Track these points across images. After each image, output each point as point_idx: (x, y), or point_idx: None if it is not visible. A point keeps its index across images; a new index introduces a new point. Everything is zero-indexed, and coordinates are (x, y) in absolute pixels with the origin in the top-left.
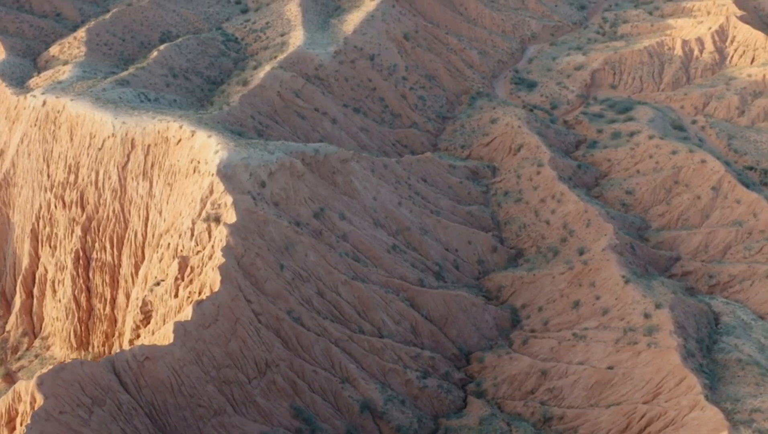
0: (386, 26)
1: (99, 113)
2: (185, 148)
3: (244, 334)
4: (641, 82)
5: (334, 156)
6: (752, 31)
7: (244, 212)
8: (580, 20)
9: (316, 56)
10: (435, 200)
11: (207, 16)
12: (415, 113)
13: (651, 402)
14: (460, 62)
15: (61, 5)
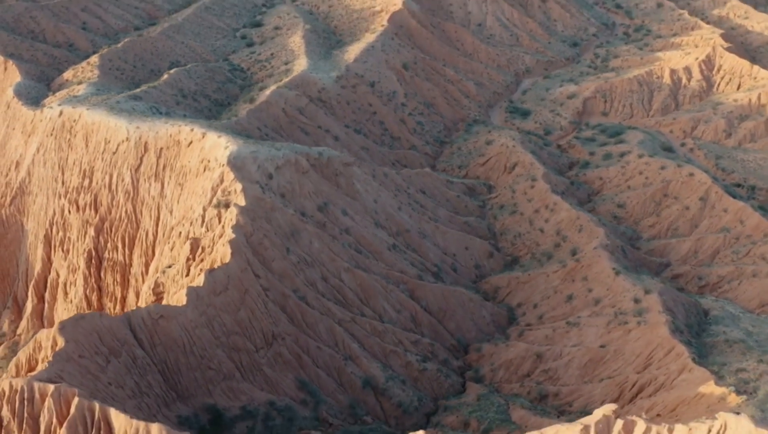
0: (386, 56)
1: (114, 120)
2: (196, 149)
3: (253, 305)
4: (631, 109)
5: (337, 159)
6: (738, 59)
7: (252, 198)
8: (572, 56)
9: (319, 80)
10: (433, 209)
11: (214, 48)
12: (413, 137)
13: (642, 372)
14: (457, 92)
15: (74, 36)
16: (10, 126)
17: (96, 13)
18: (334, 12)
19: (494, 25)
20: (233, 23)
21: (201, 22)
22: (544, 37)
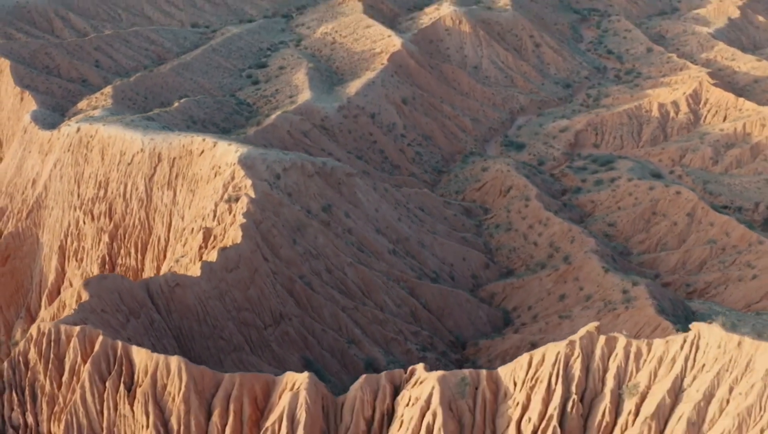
0: (386, 91)
1: (129, 133)
2: (207, 157)
3: (262, 284)
4: (621, 140)
5: (340, 169)
6: (723, 93)
7: (261, 193)
8: (565, 96)
9: (322, 108)
10: (431, 224)
11: (221, 85)
12: (413, 166)
13: None
14: (454, 127)
15: (87, 73)
16: (26, 149)
17: (108, 53)
18: (336, 55)
19: (489, 67)
20: (239, 64)
21: (209, 62)
22: (537, 79)
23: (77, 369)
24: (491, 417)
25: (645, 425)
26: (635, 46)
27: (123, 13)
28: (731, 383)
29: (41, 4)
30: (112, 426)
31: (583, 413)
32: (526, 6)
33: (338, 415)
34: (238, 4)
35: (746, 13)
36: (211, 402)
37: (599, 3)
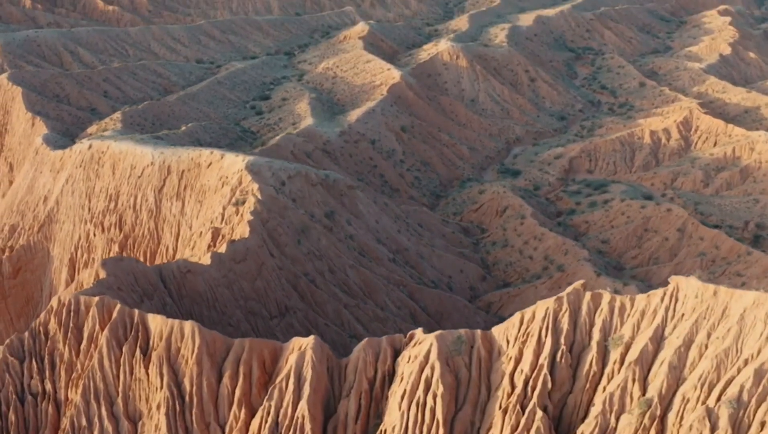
0: (385, 119)
1: (140, 148)
2: (215, 169)
3: (268, 277)
4: (615, 166)
5: (342, 182)
6: (713, 120)
7: (267, 196)
8: (560, 128)
9: (324, 133)
10: (430, 238)
11: (226, 115)
12: (412, 189)
13: None
14: (451, 154)
15: (97, 102)
16: (38, 169)
17: (116, 84)
18: (337, 88)
19: (486, 100)
20: (243, 96)
21: (214, 93)
22: (533, 111)
23: (95, 337)
24: (486, 373)
25: (629, 370)
26: (628, 81)
27: (130, 49)
28: (709, 329)
29: (51, 37)
30: (127, 389)
31: (572, 364)
32: (522, 44)
33: (342, 376)
34: (241, 41)
35: (737, 50)
36: (222, 365)
37: (593, 42)
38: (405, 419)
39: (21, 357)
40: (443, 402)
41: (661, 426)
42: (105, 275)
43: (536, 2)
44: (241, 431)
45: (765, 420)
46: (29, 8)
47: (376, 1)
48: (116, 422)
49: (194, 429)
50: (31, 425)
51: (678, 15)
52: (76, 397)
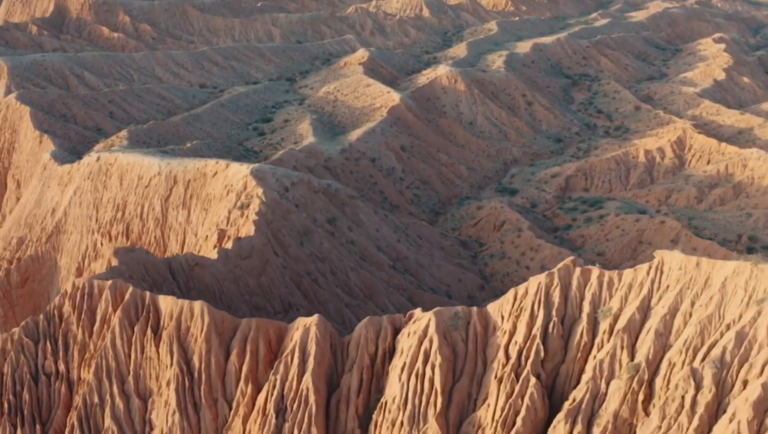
0: (385, 139)
1: (147, 159)
2: (220, 178)
3: (272, 275)
4: (610, 184)
5: (343, 192)
6: (707, 139)
7: (271, 200)
8: (557, 150)
9: (325, 150)
10: (429, 249)
11: (229, 135)
12: (411, 206)
13: None
14: (450, 174)
15: (102, 122)
16: (45, 184)
17: (121, 106)
18: (338, 110)
19: (484, 123)
20: (246, 118)
21: (217, 115)
22: (530, 134)
23: (108, 318)
24: (482, 347)
25: (618, 338)
26: (624, 105)
27: (135, 74)
28: (693, 298)
29: (57, 61)
30: (138, 368)
31: (564, 335)
32: (519, 69)
33: (344, 352)
34: (243, 67)
35: (731, 75)
36: (230, 344)
37: (590, 69)
38: (405, 390)
39: (36, 339)
40: (441, 372)
41: (649, 390)
42: (117, 263)
43: (533, 31)
44: (247, 406)
45: (747, 379)
46: (35, 34)
47: (375, 30)
48: (127, 399)
49: (203, 404)
50: (44, 404)
51: (673, 43)
52: (88, 376)
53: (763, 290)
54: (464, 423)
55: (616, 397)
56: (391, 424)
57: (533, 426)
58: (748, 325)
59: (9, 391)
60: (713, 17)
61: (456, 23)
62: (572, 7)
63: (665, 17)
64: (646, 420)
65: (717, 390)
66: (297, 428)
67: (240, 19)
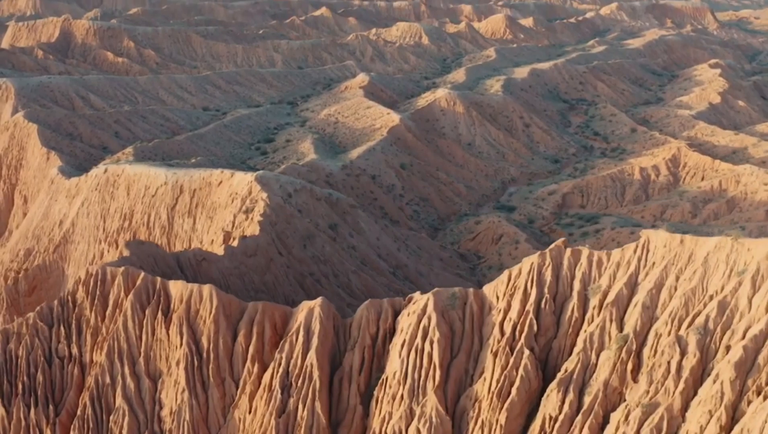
0: (385, 157)
1: (154, 169)
2: (225, 186)
3: (277, 273)
4: (606, 201)
5: (345, 201)
6: (701, 156)
7: (275, 204)
8: (554, 170)
9: (327, 166)
10: (428, 259)
11: (232, 155)
12: (410, 222)
13: None
14: (449, 192)
15: (108, 141)
16: (53, 198)
17: (126, 126)
18: (339, 132)
19: (482, 144)
20: (248, 139)
21: (220, 135)
22: (527, 154)
23: (120, 303)
24: (478, 326)
25: (606, 311)
26: (620, 127)
27: (139, 96)
28: (677, 273)
29: (63, 83)
30: (149, 349)
31: (555, 311)
32: (517, 93)
33: (347, 333)
34: (246, 91)
35: (727, 99)
36: (237, 326)
37: (587, 94)
38: (405, 365)
39: (50, 324)
40: (440, 347)
41: (637, 360)
42: (128, 253)
43: (531, 57)
44: (254, 384)
45: (729, 345)
46: (41, 58)
47: (375, 57)
48: (138, 380)
49: (211, 383)
50: (57, 385)
51: (670, 69)
52: (100, 358)
53: (743, 263)
54: (462, 396)
55: (606, 367)
56: (391, 398)
57: (527, 396)
58: (730, 295)
59: (23, 373)
60: (709, 44)
61: (455, 51)
62: (569, 35)
63: (661, 44)
64: (634, 386)
65: (701, 355)
66: (301, 403)
67: (242, 45)
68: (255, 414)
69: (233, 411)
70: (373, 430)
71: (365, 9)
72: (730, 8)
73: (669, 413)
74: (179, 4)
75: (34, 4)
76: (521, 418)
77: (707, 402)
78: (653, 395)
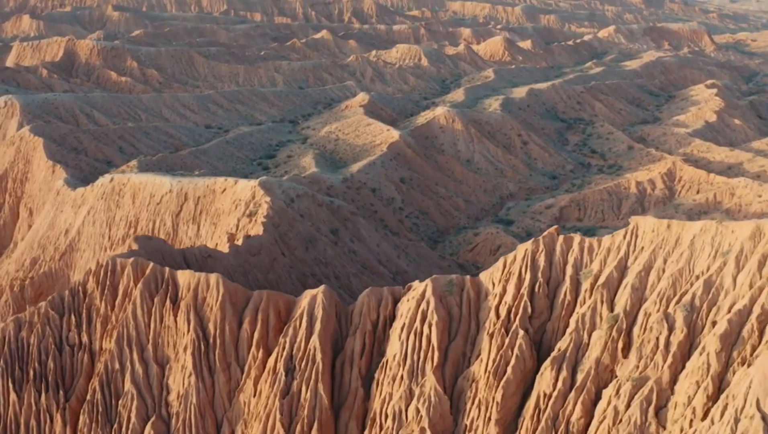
0: (385, 171)
1: (159, 178)
2: (229, 194)
3: (280, 271)
4: (603, 214)
5: (345, 208)
6: (696, 170)
7: (278, 208)
8: (551, 186)
9: (327, 179)
10: (428, 268)
11: (234, 170)
12: (410, 234)
13: None
14: (448, 206)
15: (112, 156)
16: (59, 209)
17: (130, 142)
18: (339, 148)
19: (481, 160)
20: (251, 155)
21: (223, 151)
22: (525, 171)
23: (129, 292)
24: (475, 311)
25: (598, 293)
26: (617, 145)
27: (143, 114)
28: (665, 256)
29: (68, 100)
30: (157, 336)
31: (549, 294)
32: (515, 112)
33: (348, 319)
34: (248, 110)
35: (723, 117)
36: (243, 313)
37: (584, 113)
38: (404, 347)
39: (61, 313)
40: (438, 329)
41: (627, 339)
42: (137, 246)
43: (529, 78)
44: (258, 368)
45: (715, 320)
46: (46, 77)
47: (375, 77)
48: (146, 365)
49: (217, 368)
50: (68, 372)
51: (667, 90)
52: (110, 345)
53: (727, 244)
54: (459, 378)
55: (597, 346)
56: (392, 379)
57: (522, 375)
58: (715, 274)
59: (35, 360)
60: (706, 65)
61: (454, 72)
62: (567, 57)
63: (658, 65)
64: (625, 362)
65: (688, 331)
66: (305, 385)
67: (244, 66)
68: (260, 397)
69: (238, 395)
70: (374, 411)
71: (365, 32)
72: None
73: (658, 386)
74: (181, 27)
75: (38, 26)
76: (517, 396)
77: (694, 373)
78: (643, 369)
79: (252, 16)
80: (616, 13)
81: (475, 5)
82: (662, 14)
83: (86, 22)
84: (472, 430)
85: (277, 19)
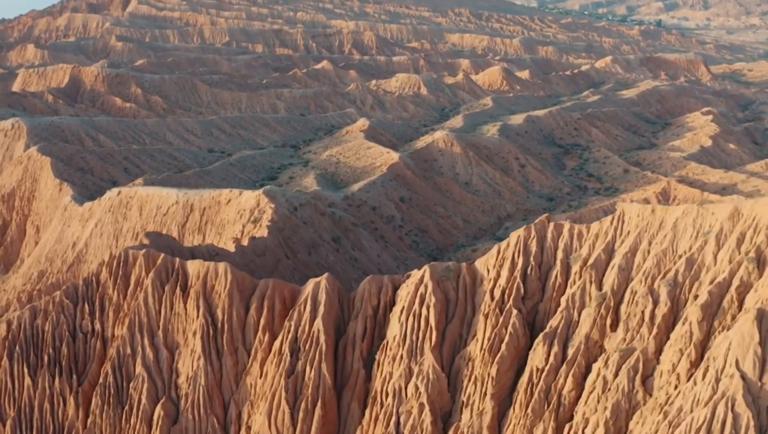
0: (385, 190)
1: (166, 190)
2: (234, 204)
3: (284, 272)
4: None
5: (347, 219)
6: (690, 189)
7: (282, 215)
8: (549, 207)
9: (329, 196)
10: None
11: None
12: (410, 251)
13: None
14: (447, 225)
15: (118, 176)
16: (66, 224)
17: (135, 163)
18: (340, 170)
19: (479, 182)
20: (253, 177)
21: (226, 173)
22: (523, 193)
23: (141, 282)
24: (471, 296)
25: (586, 273)
26: (613, 168)
27: (147, 138)
28: (650, 238)
29: (73, 124)
30: (167, 323)
31: (540, 277)
32: (513, 138)
33: (350, 305)
34: (250, 135)
35: (718, 142)
36: (249, 300)
37: (581, 139)
38: (404, 329)
39: (75, 301)
40: (435, 311)
41: (615, 316)
42: (148, 241)
43: (527, 106)
44: (264, 351)
45: (698, 294)
46: (51, 102)
47: (375, 105)
48: (156, 350)
49: (224, 351)
50: (81, 358)
51: (663, 118)
52: (121, 332)
53: (708, 225)
54: (456, 357)
55: (587, 322)
56: (392, 359)
57: (516, 352)
58: (697, 252)
59: (49, 346)
60: (702, 94)
61: (453, 101)
62: (565, 87)
63: (655, 94)
64: (612, 335)
65: (672, 304)
66: (309, 365)
67: (246, 93)
68: (265, 378)
69: (245, 377)
70: (375, 389)
71: (365, 63)
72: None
73: (644, 355)
74: (184, 57)
75: (42, 56)
76: (511, 372)
77: (678, 342)
78: (629, 341)
79: (254, 48)
80: (613, 44)
81: (474, 37)
82: (659, 45)
83: (90, 52)
84: (468, 405)
85: (279, 50)
